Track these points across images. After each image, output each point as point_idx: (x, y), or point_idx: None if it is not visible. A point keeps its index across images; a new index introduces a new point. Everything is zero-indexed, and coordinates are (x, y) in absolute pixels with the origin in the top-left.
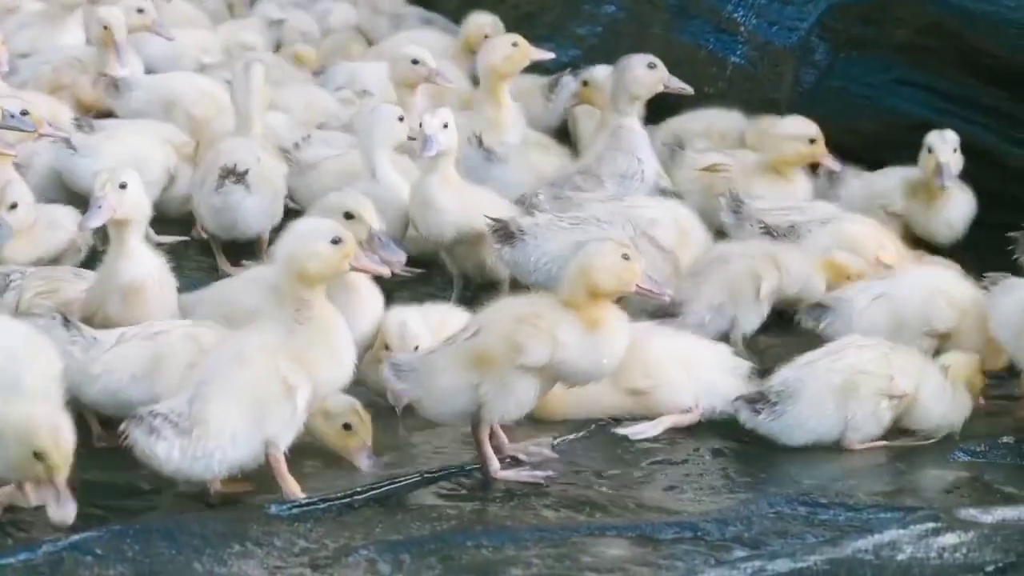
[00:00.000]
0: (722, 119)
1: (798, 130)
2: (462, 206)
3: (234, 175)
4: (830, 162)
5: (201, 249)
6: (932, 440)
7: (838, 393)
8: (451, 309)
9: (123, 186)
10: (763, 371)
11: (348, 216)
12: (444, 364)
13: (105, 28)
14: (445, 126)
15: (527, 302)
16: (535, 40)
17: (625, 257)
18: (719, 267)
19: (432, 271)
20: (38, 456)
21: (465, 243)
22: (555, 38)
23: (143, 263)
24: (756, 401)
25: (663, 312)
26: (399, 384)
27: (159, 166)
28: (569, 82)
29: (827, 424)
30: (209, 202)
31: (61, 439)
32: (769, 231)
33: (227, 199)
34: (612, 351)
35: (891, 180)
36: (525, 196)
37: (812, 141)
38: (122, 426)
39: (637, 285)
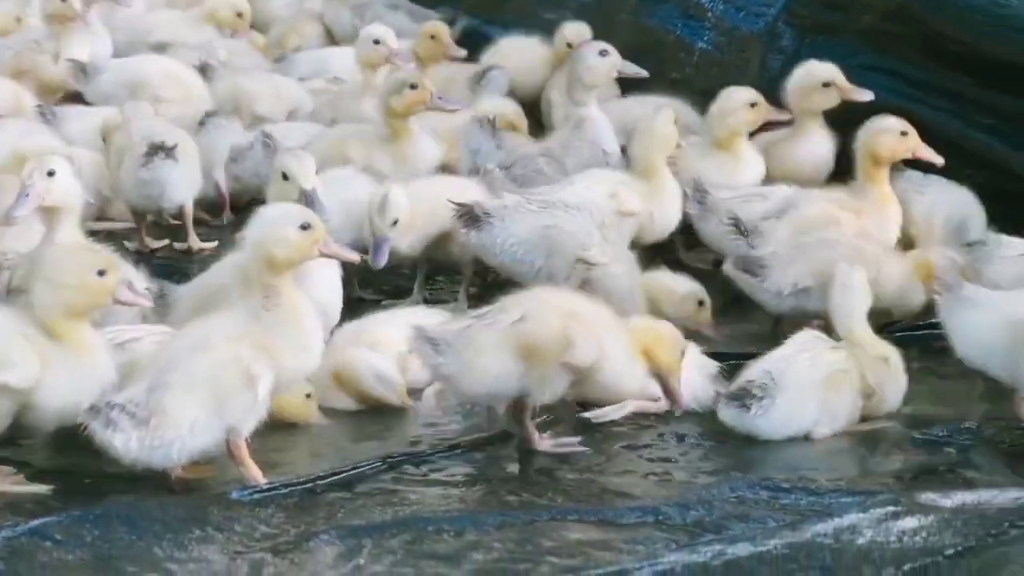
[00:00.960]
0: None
1: (736, 97)
2: (418, 220)
3: (163, 150)
4: (778, 115)
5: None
6: (892, 424)
7: (821, 388)
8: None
9: (51, 173)
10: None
11: (284, 177)
12: (488, 345)
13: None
14: None
15: (574, 300)
16: (502, 25)
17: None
18: (819, 249)
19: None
20: None
21: (430, 244)
22: (524, 23)
23: None
24: (742, 397)
25: (745, 264)
26: (436, 358)
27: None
28: (497, 76)
29: (808, 418)
30: (137, 176)
31: None
32: (738, 228)
33: (156, 173)
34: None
35: None
36: (479, 167)
37: (753, 105)
38: (80, 417)
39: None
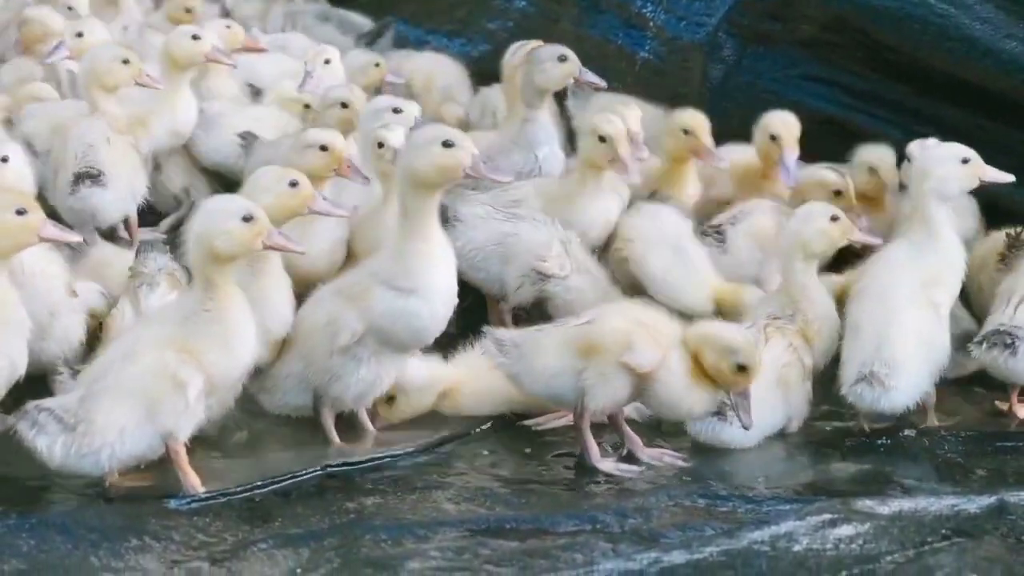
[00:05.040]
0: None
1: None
2: None
3: (89, 178)
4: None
5: None
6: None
7: (776, 387)
8: None
9: (4, 159)
10: None
11: (323, 148)
12: (550, 344)
13: None
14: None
15: (648, 312)
16: (445, 35)
17: None
18: None
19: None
20: None
21: None
22: (465, 33)
23: None
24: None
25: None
26: (500, 357)
27: None
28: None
29: (775, 419)
30: (65, 204)
31: None
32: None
33: (85, 202)
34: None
35: None
36: None
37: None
38: (10, 420)
39: None
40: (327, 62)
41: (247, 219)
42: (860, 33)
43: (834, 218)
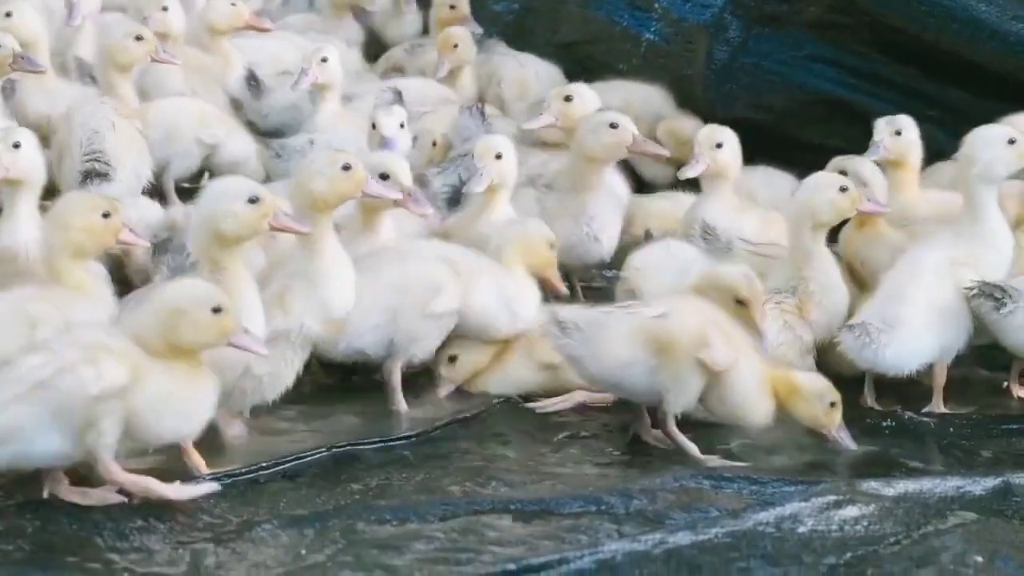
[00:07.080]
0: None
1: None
2: None
3: (98, 176)
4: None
5: None
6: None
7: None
8: None
9: (16, 145)
10: None
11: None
12: (619, 332)
13: None
14: (401, 125)
15: (719, 313)
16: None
17: None
18: None
19: None
20: None
21: None
22: (472, 15)
23: (25, 231)
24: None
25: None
26: (561, 339)
27: None
28: None
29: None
30: None
31: None
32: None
33: None
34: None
35: None
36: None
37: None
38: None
39: None
40: (324, 60)
41: (253, 200)
42: (866, 14)
43: (843, 188)
